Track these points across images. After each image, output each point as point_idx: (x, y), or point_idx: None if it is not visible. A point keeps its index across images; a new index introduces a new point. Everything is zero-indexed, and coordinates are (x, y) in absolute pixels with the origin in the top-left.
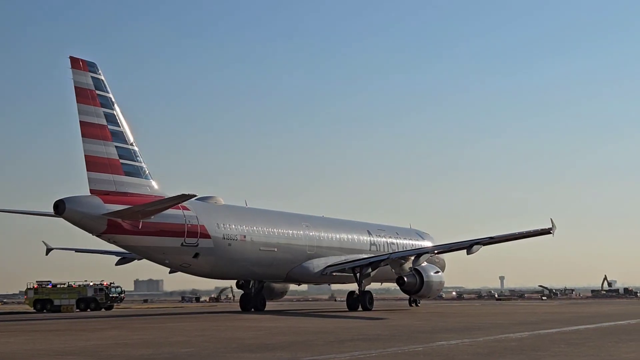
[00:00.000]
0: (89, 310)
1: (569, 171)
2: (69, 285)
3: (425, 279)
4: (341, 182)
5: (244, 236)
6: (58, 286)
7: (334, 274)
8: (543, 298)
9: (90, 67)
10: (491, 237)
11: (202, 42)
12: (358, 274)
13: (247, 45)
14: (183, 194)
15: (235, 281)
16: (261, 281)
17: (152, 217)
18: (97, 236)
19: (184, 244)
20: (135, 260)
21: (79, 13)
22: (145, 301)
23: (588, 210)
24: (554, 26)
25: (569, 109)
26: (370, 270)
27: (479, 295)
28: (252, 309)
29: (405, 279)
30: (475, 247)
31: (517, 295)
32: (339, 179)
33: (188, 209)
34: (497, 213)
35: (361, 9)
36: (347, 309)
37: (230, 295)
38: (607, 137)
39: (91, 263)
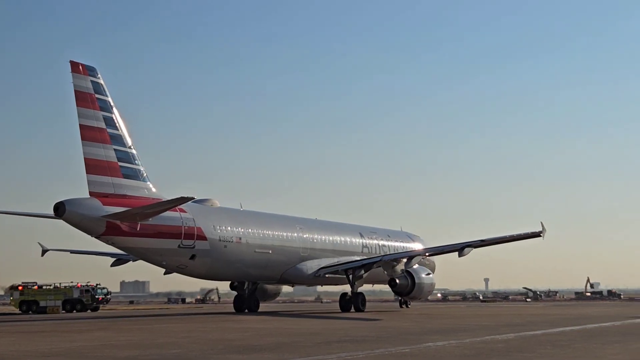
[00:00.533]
0: (75, 311)
1: (553, 174)
2: (55, 287)
3: (416, 281)
4: (332, 184)
5: (240, 238)
6: (44, 287)
7: (327, 275)
8: (527, 300)
9: (90, 71)
10: (482, 240)
11: (193, 47)
12: (351, 276)
13: (241, 48)
14: (182, 197)
15: (229, 283)
16: (255, 283)
17: (150, 219)
18: (96, 238)
19: (181, 245)
20: (131, 262)
21: (76, 15)
22: (131, 302)
23: (572, 213)
24: (535, 27)
25: (555, 111)
26: (363, 272)
27: (463, 297)
28: (246, 310)
29: (398, 281)
30: (466, 249)
31: (502, 297)
32: (330, 181)
33: (185, 211)
34: (484, 215)
35: (343, 12)
36: (339, 310)
37: (214, 297)
38: (591, 140)
39: (87, 264)
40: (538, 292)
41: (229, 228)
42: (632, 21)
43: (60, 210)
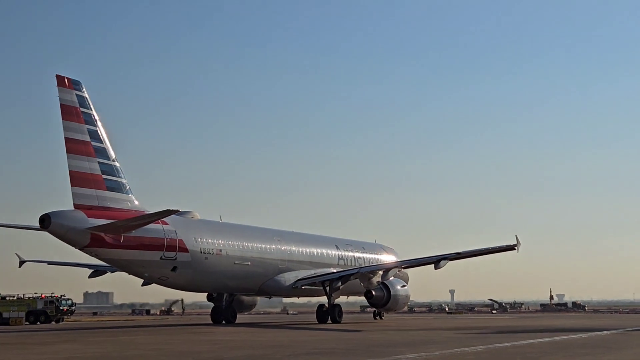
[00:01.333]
0: (38, 323)
1: (519, 188)
2: (18, 298)
3: (392, 293)
4: (307, 196)
5: (220, 250)
6: (7, 298)
7: (304, 287)
8: (493, 311)
9: (75, 85)
10: (458, 253)
11: (172, 64)
12: (327, 288)
13: (221, 66)
14: (167, 210)
15: (206, 294)
16: (232, 294)
17: (133, 231)
18: (80, 249)
19: (163, 257)
20: (108, 273)
21: (59, 28)
22: (95, 314)
23: (536, 225)
24: (508, 38)
25: (525, 127)
26: (340, 283)
27: (430, 308)
28: (223, 322)
29: (374, 293)
30: (442, 262)
31: (467, 308)
32: (304, 193)
33: (167, 224)
34: (453, 228)
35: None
36: (316, 322)
37: (174, 309)
38: (557, 156)
39: (63, 276)
40: (503, 304)
41: (209, 240)
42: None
43: (46, 222)
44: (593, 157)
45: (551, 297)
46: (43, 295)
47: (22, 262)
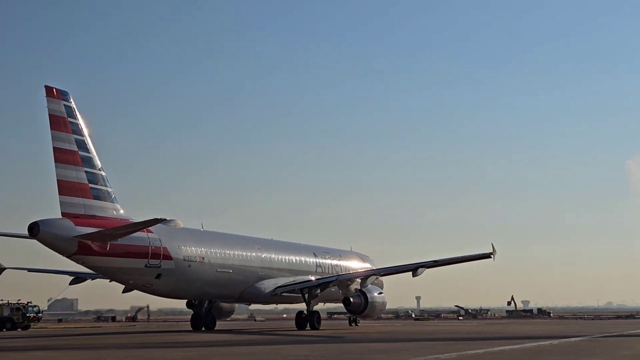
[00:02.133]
0: (4, 330)
1: (484, 194)
2: None
3: (369, 300)
4: (277, 203)
5: (203, 258)
6: None
7: (284, 294)
8: (460, 318)
9: (64, 95)
10: (435, 261)
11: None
12: (306, 295)
13: (198, 74)
14: (155, 218)
15: (186, 301)
16: (212, 301)
17: (119, 239)
18: (67, 257)
19: (148, 265)
20: (89, 280)
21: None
22: (60, 321)
23: (502, 232)
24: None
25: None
26: (319, 291)
27: (396, 314)
28: (203, 328)
29: (352, 300)
30: (420, 269)
31: (434, 315)
32: (274, 200)
33: (151, 232)
34: (421, 235)
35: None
36: (295, 328)
37: (131, 314)
38: (520, 161)
39: (43, 283)
40: (470, 310)
41: (192, 248)
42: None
43: (34, 230)
44: (557, 164)
45: (509, 303)
46: (9, 302)
47: (2, 269)
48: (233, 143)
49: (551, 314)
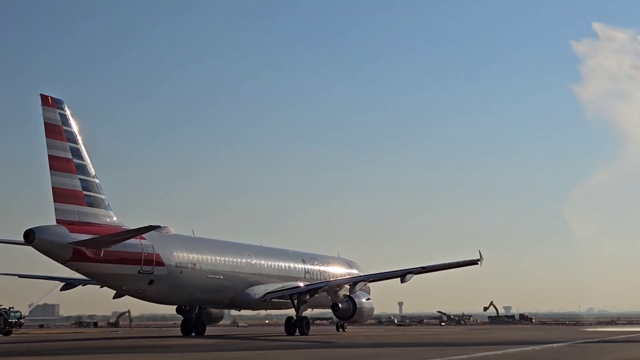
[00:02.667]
0: None
1: (464, 199)
2: None
3: (358, 306)
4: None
5: (194, 264)
6: None
7: (273, 300)
8: (442, 324)
9: (58, 103)
10: (423, 267)
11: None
12: (295, 300)
13: (185, 83)
14: (150, 225)
15: (176, 307)
16: (201, 307)
17: (113, 245)
18: (61, 263)
19: (141, 271)
20: (80, 286)
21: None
22: (41, 326)
23: (483, 237)
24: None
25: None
26: (308, 296)
27: (378, 320)
28: (193, 334)
29: (340, 305)
30: (408, 275)
31: (416, 320)
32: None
33: (144, 238)
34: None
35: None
36: (284, 334)
37: (111, 320)
38: (499, 166)
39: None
40: (452, 316)
41: (184, 254)
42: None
43: (30, 237)
44: (543, 169)
45: (485, 309)
46: None
47: None
48: (219, 148)
49: (533, 320)
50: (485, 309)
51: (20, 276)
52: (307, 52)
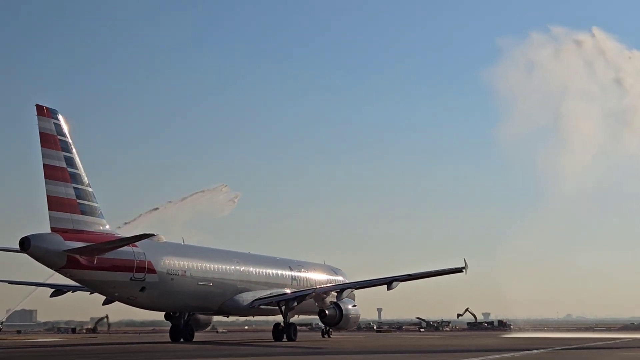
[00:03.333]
0: None
1: (443, 205)
2: None
3: (344, 312)
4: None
5: (185, 272)
6: None
7: (261, 306)
8: (421, 330)
9: (53, 113)
10: (409, 275)
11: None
12: (283, 307)
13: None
14: (144, 234)
15: (164, 313)
16: (189, 313)
17: (106, 253)
18: (56, 270)
19: (133, 278)
20: (70, 292)
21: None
22: (19, 332)
23: (460, 243)
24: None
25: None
26: (295, 303)
27: (358, 326)
28: (182, 340)
29: (327, 312)
30: (394, 283)
31: (396, 327)
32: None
33: (136, 246)
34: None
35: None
36: (272, 339)
37: (97, 327)
38: (473, 172)
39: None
40: (431, 322)
41: (175, 262)
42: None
43: (25, 244)
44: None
45: (459, 315)
46: None
47: None
48: (203, 155)
49: (511, 326)
50: (459, 315)
51: (10, 282)
52: (286, 59)
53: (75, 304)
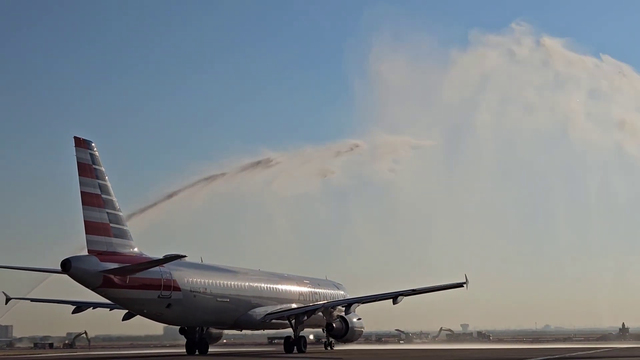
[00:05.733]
0: None
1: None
2: None
3: (350, 325)
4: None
5: (205, 289)
6: None
7: (273, 321)
8: (401, 342)
9: (88, 144)
10: (413, 290)
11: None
12: (293, 321)
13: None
14: (177, 254)
15: (179, 328)
16: (203, 328)
17: (137, 273)
18: (92, 290)
19: (160, 296)
20: (90, 309)
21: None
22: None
23: (440, 255)
24: None
25: None
26: (306, 317)
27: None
28: (197, 352)
29: (334, 325)
30: (399, 297)
31: (376, 338)
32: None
33: (163, 265)
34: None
35: None
36: (284, 352)
37: (75, 343)
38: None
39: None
40: (410, 334)
41: (196, 280)
42: None
43: (67, 266)
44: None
45: (435, 337)
46: None
47: (8, 299)
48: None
49: (490, 337)
50: (435, 337)
51: (33, 300)
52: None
53: (51, 318)
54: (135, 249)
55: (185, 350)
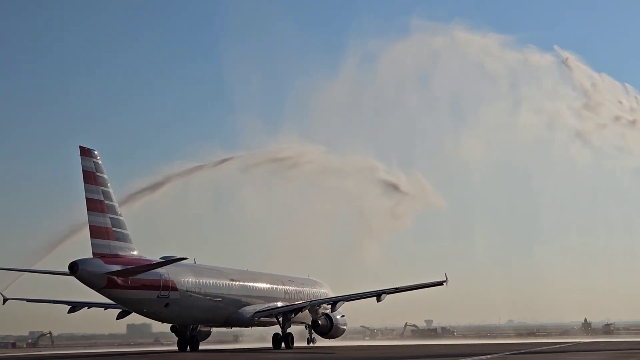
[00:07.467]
0: None
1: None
2: None
3: (334, 323)
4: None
5: (200, 289)
6: None
7: (261, 318)
8: (366, 338)
9: (92, 153)
10: (396, 288)
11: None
12: (281, 318)
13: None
14: (178, 257)
15: (170, 326)
16: (194, 326)
17: (138, 274)
18: (97, 291)
19: (159, 296)
20: (85, 308)
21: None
22: None
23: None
24: None
25: None
26: (293, 315)
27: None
28: (188, 349)
29: (320, 322)
30: (383, 295)
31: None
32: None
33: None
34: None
35: None
36: (272, 348)
37: (39, 342)
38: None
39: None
40: (375, 330)
41: (192, 280)
42: None
43: (74, 268)
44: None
45: (401, 334)
46: None
47: (5, 300)
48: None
49: (455, 333)
50: (400, 333)
51: (29, 300)
52: None
53: (11, 317)
54: (135, 252)
55: (177, 347)
